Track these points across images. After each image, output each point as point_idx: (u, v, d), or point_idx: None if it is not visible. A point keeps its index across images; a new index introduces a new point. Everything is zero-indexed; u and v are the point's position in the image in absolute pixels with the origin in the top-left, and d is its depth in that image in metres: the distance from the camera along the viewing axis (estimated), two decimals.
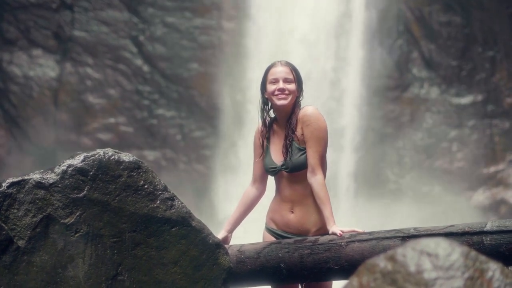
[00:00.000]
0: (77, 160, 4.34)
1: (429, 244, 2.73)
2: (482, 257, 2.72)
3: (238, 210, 5.09)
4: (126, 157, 4.40)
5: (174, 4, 18.54)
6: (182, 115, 18.42)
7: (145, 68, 18.48)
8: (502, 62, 17.97)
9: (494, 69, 17.99)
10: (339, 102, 17.80)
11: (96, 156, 4.37)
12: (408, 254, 2.72)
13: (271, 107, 5.02)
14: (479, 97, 18.05)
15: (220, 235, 4.96)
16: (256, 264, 4.72)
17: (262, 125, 5.03)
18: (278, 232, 4.92)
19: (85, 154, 4.36)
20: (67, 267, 4.22)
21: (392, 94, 18.17)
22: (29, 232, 4.21)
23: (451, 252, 2.70)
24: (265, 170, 5.00)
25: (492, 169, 17.77)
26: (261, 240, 4.97)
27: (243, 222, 5.15)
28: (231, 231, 5.06)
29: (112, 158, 4.38)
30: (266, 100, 5.00)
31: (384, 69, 18.12)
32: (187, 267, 4.40)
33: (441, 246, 2.72)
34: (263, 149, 5.02)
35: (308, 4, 18.16)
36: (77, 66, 18.34)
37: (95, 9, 18.45)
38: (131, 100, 18.38)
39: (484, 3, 17.95)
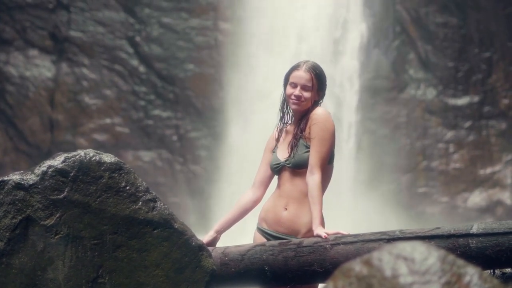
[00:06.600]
0: (57, 161, 4.27)
1: (406, 248, 2.67)
2: (460, 261, 2.66)
3: (231, 213, 5.04)
4: (108, 158, 4.34)
5: (170, 5, 18.50)
6: (178, 116, 18.38)
7: (141, 68, 18.44)
8: (499, 63, 17.92)
9: (491, 70, 17.95)
10: (335, 103, 17.75)
11: (77, 157, 4.30)
12: (384, 258, 2.67)
13: None
14: (476, 98, 18.00)
15: (208, 235, 4.92)
16: (240, 266, 4.66)
17: (280, 123, 5.00)
18: (269, 231, 4.86)
19: (66, 155, 4.29)
20: (47, 270, 4.16)
21: (389, 95, 18.13)
22: (8, 234, 4.15)
23: (428, 256, 2.64)
24: (270, 169, 4.95)
25: (488, 170, 17.72)
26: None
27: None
28: (220, 232, 5.00)
29: (93, 159, 4.31)
30: (286, 99, 4.99)
31: (381, 70, 18.08)
32: (169, 269, 4.34)
33: (418, 250, 2.66)
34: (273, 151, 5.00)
35: (305, 5, 18.12)
36: (73, 66, 18.30)
37: (92, 10, 18.41)
38: (127, 100, 18.34)
39: (481, 4, 17.90)
